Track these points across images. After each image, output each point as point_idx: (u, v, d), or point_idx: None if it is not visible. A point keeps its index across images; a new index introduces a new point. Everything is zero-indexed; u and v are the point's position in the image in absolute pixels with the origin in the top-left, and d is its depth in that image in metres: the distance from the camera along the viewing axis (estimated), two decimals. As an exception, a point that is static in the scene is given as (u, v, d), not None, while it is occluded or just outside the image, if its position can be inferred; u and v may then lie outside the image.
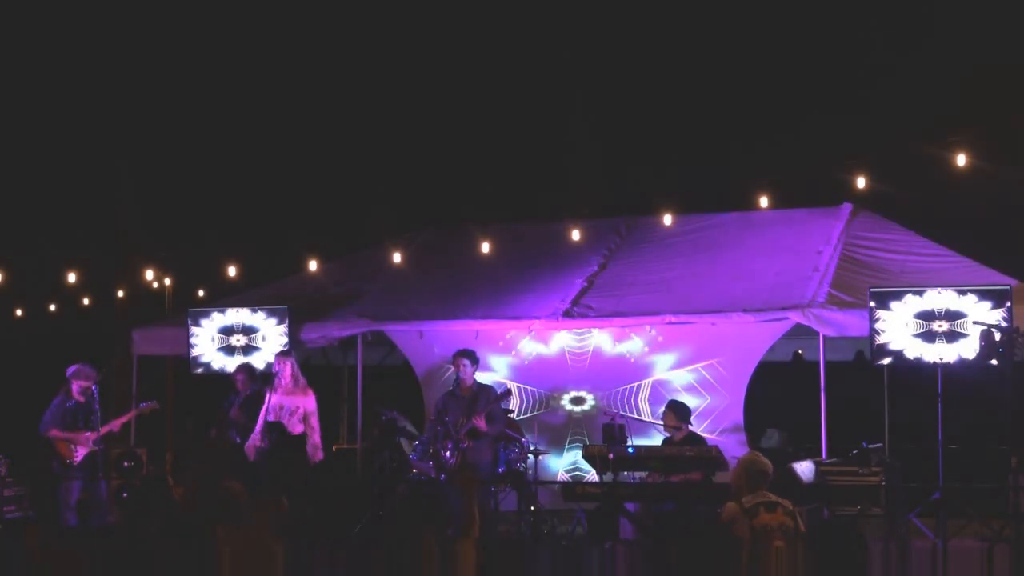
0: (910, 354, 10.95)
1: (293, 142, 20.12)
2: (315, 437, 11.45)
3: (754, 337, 12.38)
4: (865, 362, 11.58)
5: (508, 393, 11.69)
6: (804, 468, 10.44)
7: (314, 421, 11.49)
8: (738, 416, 12.42)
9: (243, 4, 19.73)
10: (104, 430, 11.55)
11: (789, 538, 7.20)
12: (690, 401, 12.26)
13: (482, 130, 19.94)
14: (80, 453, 11.48)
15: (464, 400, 11.17)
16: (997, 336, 10.03)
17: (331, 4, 20.25)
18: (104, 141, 18.98)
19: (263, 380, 12.10)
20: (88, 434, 11.47)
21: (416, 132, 20.10)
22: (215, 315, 13.23)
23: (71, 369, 11.61)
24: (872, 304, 11.03)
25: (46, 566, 8.90)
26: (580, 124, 20.00)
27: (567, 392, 13.04)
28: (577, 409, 13.01)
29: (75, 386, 11.53)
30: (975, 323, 10.58)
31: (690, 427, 11.34)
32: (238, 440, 11.61)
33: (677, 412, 11.23)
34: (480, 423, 10.94)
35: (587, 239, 13.71)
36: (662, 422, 11.38)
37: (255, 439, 11.35)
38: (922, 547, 9.44)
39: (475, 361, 11.40)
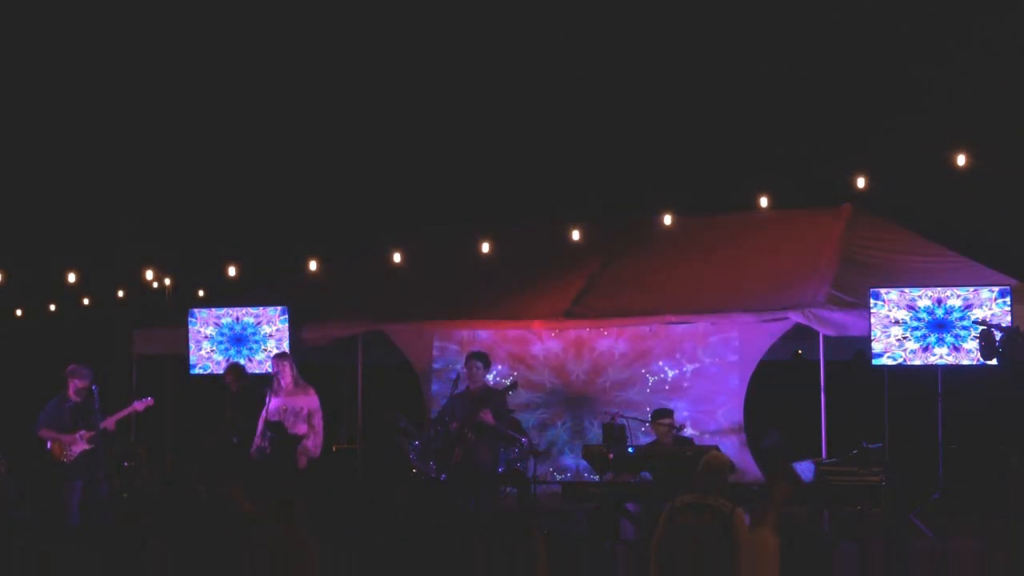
0: (910, 354, 10.95)
1: (293, 142, 20.13)
2: (313, 438, 11.38)
3: (754, 337, 12.37)
4: (865, 362, 11.56)
5: (515, 385, 11.67)
6: (804, 468, 10.44)
7: (316, 420, 11.44)
8: (738, 416, 12.41)
9: (245, 4, 19.74)
10: (100, 428, 11.55)
11: (707, 542, 7.07)
12: (690, 400, 12.27)
13: (483, 130, 19.94)
14: (73, 453, 11.46)
15: (473, 400, 11.17)
16: (997, 336, 10.02)
17: (331, 5, 20.25)
18: (104, 141, 18.99)
19: (255, 379, 12.11)
20: (81, 433, 11.46)
21: (417, 132, 20.10)
22: (215, 315, 13.22)
23: (68, 369, 11.62)
24: (872, 304, 11.02)
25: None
26: (580, 123, 20.01)
27: (567, 392, 13.04)
28: (577, 409, 13.01)
29: (71, 386, 11.54)
30: (975, 323, 10.58)
31: (677, 430, 11.34)
32: (236, 440, 11.60)
33: (664, 416, 11.23)
34: (487, 417, 10.92)
35: (587, 239, 13.70)
36: (650, 422, 11.38)
37: (256, 441, 11.36)
38: (922, 547, 9.45)
39: (487, 364, 11.44)
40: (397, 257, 13.93)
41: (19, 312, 17.14)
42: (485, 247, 13.51)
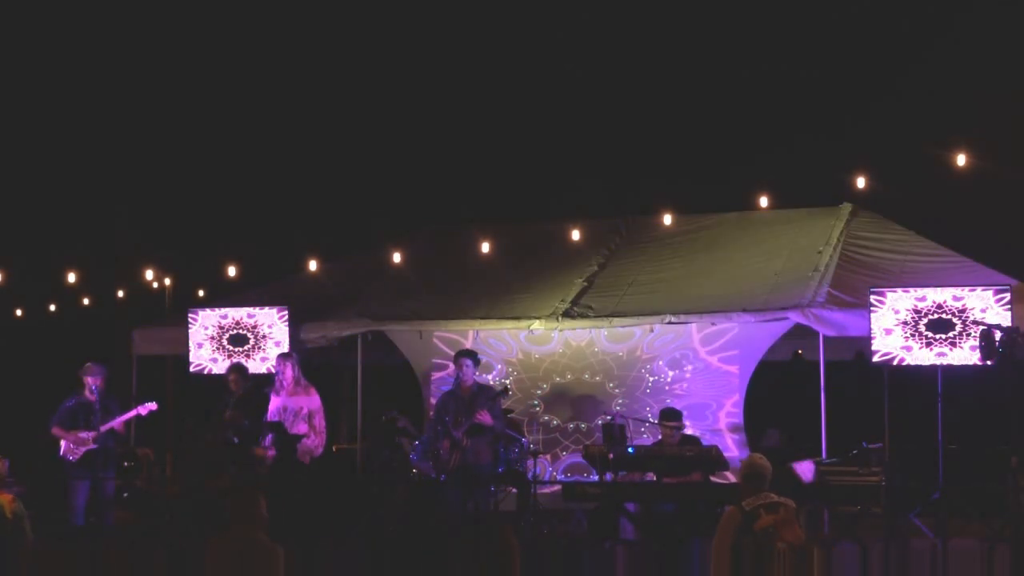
0: (910, 354, 10.95)
1: (293, 142, 20.13)
2: (314, 437, 11.37)
3: (754, 337, 12.37)
4: (865, 362, 11.56)
5: (505, 391, 11.69)
6: (804, 468, 10.44)
7: (318, 420, 11.41)
8: (738, 416, 12.42)
9: (244, 4, 19.74)
10: (104, 428, 11.56)
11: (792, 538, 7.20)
12: (690, 400, 12.26)
13: (483, 130, 19.95)
14: (79, 452, 11.49)
15: (464, 400, 11.16)
16: (997, 336, 10.02)
17: (331, 5, 20.25)
18: (104, 141, 18.99)
19: (256, 379, 12.10)
20: (87, 433, 11.49)
21: (417, 132, 20.10)
22: (215, 315, 13.21)
23: (83, 367, 11.69)
24: (872, 304, 11.02)
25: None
26: (581, 123, 20.01)
27: (567, 392, 13.04)
28: (577, 409, 13.01)
29: (86, 384, 11.61)
30: (975, 323, 10.57)
31: (684, 430, 11.35)
32: (236, 440, 11.59)
33: (671, 418, 11.23)
34: (485, 417, 10.91)
35: (587, 239, 13.71)
36: (659, 422, 11.39)
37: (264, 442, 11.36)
38: (922, 547, 9.45)
39: (477, 362, 11.41)
40: (397, 257, 13.93)
41: (19, 312, 17.14)
42: (485, 247, 13.52)
